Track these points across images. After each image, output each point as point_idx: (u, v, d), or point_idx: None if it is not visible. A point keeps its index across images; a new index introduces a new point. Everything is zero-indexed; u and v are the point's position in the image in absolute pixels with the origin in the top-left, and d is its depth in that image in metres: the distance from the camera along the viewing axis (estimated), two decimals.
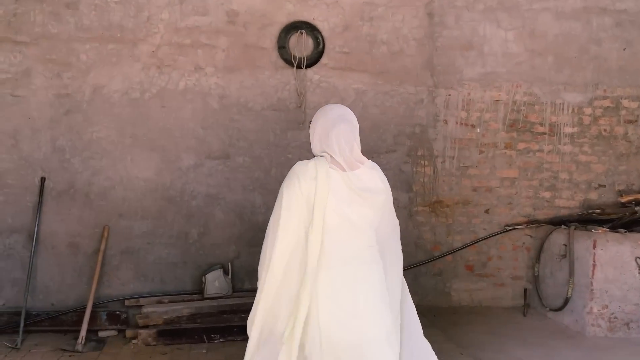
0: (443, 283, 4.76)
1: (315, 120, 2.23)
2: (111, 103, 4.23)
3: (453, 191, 4.74)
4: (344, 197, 2.10)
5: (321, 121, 2.21)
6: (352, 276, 2.09)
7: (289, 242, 2.08)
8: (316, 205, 2.06)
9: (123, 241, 4.29)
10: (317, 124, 2.21)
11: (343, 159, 2.15)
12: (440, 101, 4.67)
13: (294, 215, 2.08)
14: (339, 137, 2.15)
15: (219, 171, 4.39)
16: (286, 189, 2.10)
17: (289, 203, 2.08)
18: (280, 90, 4.45)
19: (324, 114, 2.23)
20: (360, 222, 2.14)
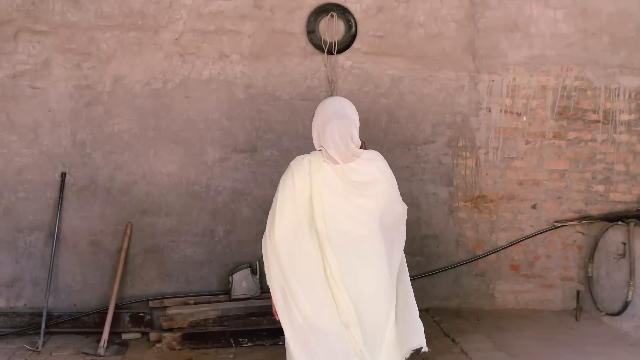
0: (486, 284, 4.41)
1: (315, 115, 2.33)
2: (133, 94, 4.03)
3: (497, 185, 4.37)
4: (339, 189, 2.21)
5: (319, 117, 2.31)
6: (352, 264, 2.20)
7: (285, 231, 2.20)
8: (314, 198, 2.19)
9: (146, 239, 4.09)
10: (316, 119, 2.32)
11: (337, 154, 2.22)
12: (482, 87, 4.31)
13: (287, 208, 2.20)
14: (333, 133, 2.22)
15: (245, 165, 4.14)
16: (281, 185, 2.24)
17: (283, 197, 2.22)
18: (310, 78, 4.16)
19: (322, 109, 2.33)
20: (359, 213, 2.22)
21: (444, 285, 4.37)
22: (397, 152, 4.27)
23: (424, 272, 4.33)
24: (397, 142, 4.26)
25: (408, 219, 4.32)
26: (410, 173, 4.29)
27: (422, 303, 4.36)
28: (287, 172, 2.26)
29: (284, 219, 2.21)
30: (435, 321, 4.05)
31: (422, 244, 4.33)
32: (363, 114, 4.26)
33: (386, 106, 4.23)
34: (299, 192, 2.20)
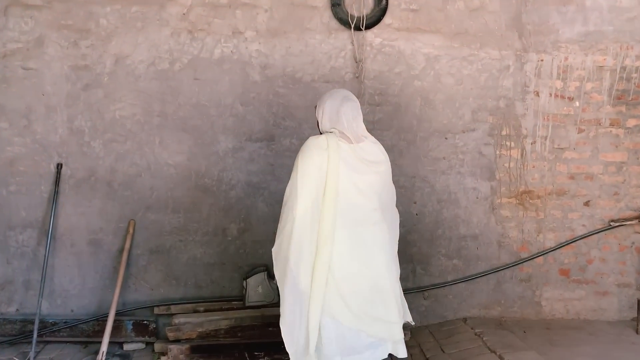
0: (532, 291, 3.91)
1: (322, 102, 2.47)
2: (136, 76, 3.59)
3: (545, 179, 3.87)
4: (353, 165, 2.36)
5: (329, 102, 2.45)
6: (362, 235, 2.36)
7: (306, 205, 2.27)
8: (329, 173, 2.30)
9: (152, 238, 3.66)
10: (325, 105, 2.45)
11: (351, 133, 2.41)
12: (530, 68, 3.79)
13: (309, 182, 2.29)
14: (347, 113, 2.41)
15: (261, 156, 3.69)
16: (301, 160, 2.33)
17: (303, 171, 2.30)
18: (334, 57, 3.68)
19: (330, 96, 2.49)
20: (366, 188, 2.39)
21: (484, 292, 3.88)
22: (433, 142, 3.78)
23: (462, 277, 3.85)
24: (432, 130, 3.77)
25: (444, 217, 3.89)
26: (447, 165, 3.80)
27: (459, 312, 3.92)
28: (305, 149, 2.36)
29: (305, 194, 2.28)
30: (476, 334, 3.56)
31: (459, 245, 3.85)
32: (394, 98, 3.81)
33: (420, 89, 3.74)
34: (317, 167, 2.30)
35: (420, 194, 3.80)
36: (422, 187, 3.80)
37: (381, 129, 3.73)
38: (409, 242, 3.80)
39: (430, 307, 3.85)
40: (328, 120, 2.43)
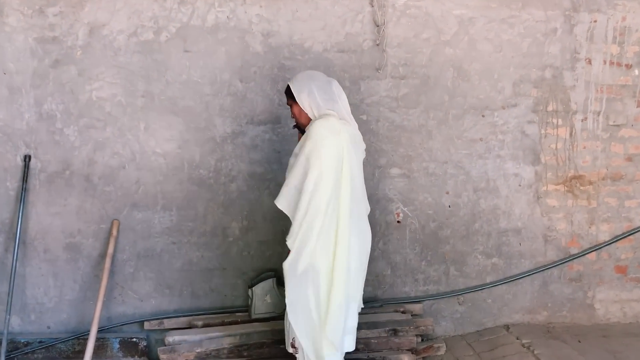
0: (583, 292, 3.37)
1: (302, 86, 2.35)
2: (115, 49, 3.01)
3: (598, 161, 3.31)
4: (353, 151, 2.33)
5: (315, 83, 2.35)
6: (359, 226, 2.38)
7: (330, 195, 2.24)
8: (345, 161, 2.26)
9: (139, 241, 3.12)
10: (309, 87, 2.34)
11: (347, 114, 2.38)
12: (581, 31, 3.21)
13: (330, 171, 2.24)
14: (341, 94, 2.38)
15: (266, 141, 3.13)
16: (322, 147, 2.23)
17: (326, 160, 2.23)
18: (350, 22, 3.10)
19: (308, 77, 2.41)
20: (359, 174, 2.40)
21: (529, 294, 3.34)
22: (468, 120, 3.21)
23: (503, 278, 3.31)
24: (467, 106, 3.20)
25: (482, 208, 3.30)
26: (484, 148, 3.24)
27: (500, 318, 3.36)
28: (323, 135, 2.25)
29: (329, 184, 2.24)
30: (524, 345, 3.03)
31: (499, 241, 3.30)
32: (421, 69, 3.22)
33: (452, 58, 3.16)
34: (335, 154, 2.24)
35: (453, 182, 3.24)
36: (455, 175, 3.24)
37: (407, 107, 3.17)
38: (440, 239, 3.26)
39: (467, 313, 3.31)
40: (322, 101, 2.32)
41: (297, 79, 2.42)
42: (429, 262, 3.27)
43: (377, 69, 3.13)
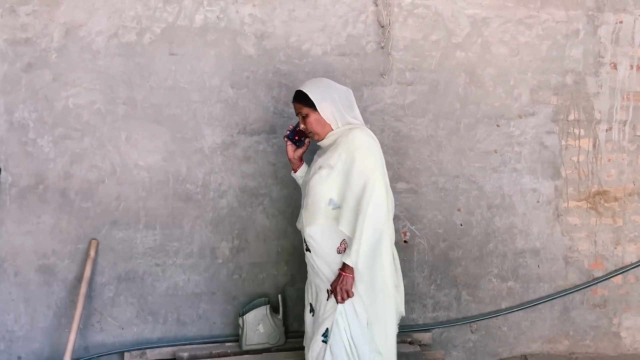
0: (608, 319, 3.07)
1: (325, 92, 2.19)
2: (93, 51, 2.74)
3: (624, 176, 3.02)
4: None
5: (335, 91, 2.21)
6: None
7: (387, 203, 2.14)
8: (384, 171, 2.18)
9: (120, 262, 2.83)
10: (332, 94, 2.19)
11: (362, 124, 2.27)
12: (605, 33, 2.94)
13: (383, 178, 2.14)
14: (355, 104, 2.26)
15: (259, 153, 2.85)
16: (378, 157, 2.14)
17: (380, 165, 2.14)
18: (352, 22, 2.83)
19: (328, 83, 2.24)
20: None
21: (548, 322, 3.04)
22: (481, 130, 2.93)
23: (520, 303, 3.01)
24: (480, 115, 2.92)
25: (497, 227, 2.99)
26: (499, 161, 2.95)
27: (517, 347, 3.05)
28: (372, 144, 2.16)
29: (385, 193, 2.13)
30: None
31: (516, 263, 3.00)
32: (430, 74, 2.94)
33: (464, 62, 2.88)
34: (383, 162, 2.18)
35: (465, 198, 2.95)
36: (468, 190, 2.95)
37: (414, 115, 2.88)
38: (451, 261, 2.96)
39: (480, 342, 3.01)
40: (344, 109, 2.19)
41: (314, 87, 2.21)
42: (438, 286, 2.98)
43: (382, 74, 2.85)
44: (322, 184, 2.13)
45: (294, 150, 2.32)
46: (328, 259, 2.15)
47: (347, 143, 2.11)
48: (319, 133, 2.21)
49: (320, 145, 2.27)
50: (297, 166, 2.37)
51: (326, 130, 2.21)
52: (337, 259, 2.13)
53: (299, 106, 2.23)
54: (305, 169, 2.39)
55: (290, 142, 2.29)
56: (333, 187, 2.12)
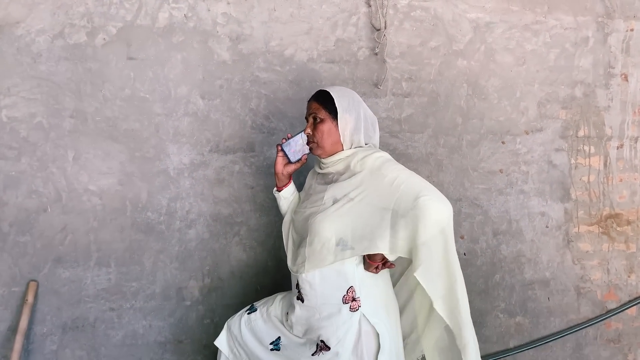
0: (623, 354, 2.79)
1: (353, 104, 1.85)
2: (34, 54, 2.28)
3: (637, 197, 2.77)
4: None
5: (363, 109, 1.89)
6: None
7: None
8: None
9: (65, 307, 2.34)
10: (360, 110, 1.87)
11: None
12: (616, 41, 2.69)
13: None
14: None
15: (235, 174, 2.44)
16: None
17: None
18: (342, 25, 2.48)
19: (359, 98, 1.91)
20: None
21: (560, 359, 2.74)
22: (485, 148, 2.61)
23: (530, 341, 2.69)
24: (484, 130, 2.61)
25: (503, 256, 2.66)
26: (505, 182, 2.64)
27: None
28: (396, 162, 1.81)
29: None
30: None
31: (524, 295, 2.69)
32: (429, 84, 2.60)
33: (466, 72, 2.57)
34: None
35: (469, 224, 2.62)
36: (471, 214, 2.62)
37: (411, 131, 2.54)
38: None
39: None
40: (365, 131, 1.86)
41: (343, 94, 1.86)
42: None
43: (376, 84, 2.50)
44: (334, 220, 1.72)
45: (285, 164, 1.92)
46: (324, 312, 1.74)
47: (370, 168, 1.75)
48: (324, 147, 1.82)
49: (322, 166, 1.88)
50: (284, 184, 1.97)
51: (334, 149, 1.82)
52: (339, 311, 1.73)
53: (316, 106, 1.84)
54: (293, 191, 1.99)
55: (283, 154, 1.89)
56: (348, 224, 1.72)
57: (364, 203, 1.72)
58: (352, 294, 1.74)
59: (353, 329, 1.73)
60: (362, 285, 1.76)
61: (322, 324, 1.74)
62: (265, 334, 1.90)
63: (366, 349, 1.74)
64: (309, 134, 1.84)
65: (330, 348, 1.72)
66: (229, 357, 1.96)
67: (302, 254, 1.77)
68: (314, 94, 1.87)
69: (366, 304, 1.75)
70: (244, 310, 2.00)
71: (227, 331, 1.98)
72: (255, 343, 1.90)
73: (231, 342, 1.96)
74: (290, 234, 1.91)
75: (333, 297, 1.74)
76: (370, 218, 1.71)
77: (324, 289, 1.74)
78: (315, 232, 1.73)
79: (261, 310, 1.96)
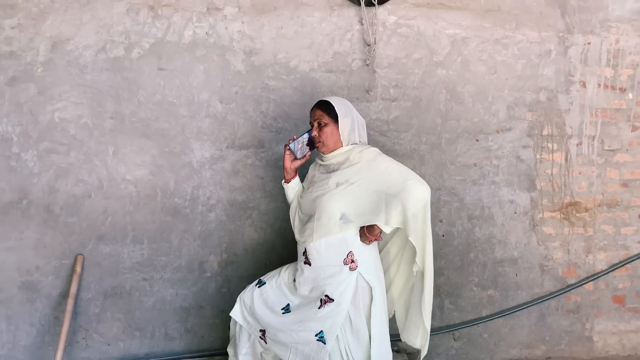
0: (581, 323, 3.22)
1: (348, 110, 2.31)
2: (81, 66, 2.74)
3: (594, 187, 3.19)
4: None
5: (355, 113, 2.34)
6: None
7: None
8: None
9: (106, 277, 2.81)
10: (353, 114, 2.33)
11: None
12: (575, 53, 3.12)
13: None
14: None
15: (248, 167, 2.89)
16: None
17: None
18: (338, 40, 2.92)
19: (351, 106, 2.36)
20: None
21: (526, 328, 3.17)
22: (461, 145, 3.05)
23: (499, 310, 3.13)
24: (460, 130, 3.04)
25: (477, 237, 3.15)
26: (478, 174, 3.08)
27: (497, 353, 3.18)
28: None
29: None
30: None
31: (495, 272, 3.12)
32: (413, 90, 3.06)
33: (445, 80, 3.01)
34: None
35: (447, 210, 3.06)
36: (449, 202, 3.06)
37: (398, 130, 2.98)
38: (434, 270, 3.02)
39: (462, 349, 3.11)
40: (358, 130, 2.32)
41: (341, 102, 2.30)
42: None
43: (367, 91, 2.94)
44: (338, 199, 2.16)
45: (292, 160, 2.35)
46: (329, 272, 2.19)
47: (367, 160, 2.20)
48: (328, 145, 2.26)
49: (324, 159, 2.31)
50: (291, 177, 2.40)
51: (335, 146, 2.26)
52: (341, 271, 2.18)
53: (321, 114, 2.27)
54: (298, 182, 2.43)
55: (290, 152, 2.33)
56: (349, 202, 2.16)
57: (362, 186, 2.17)
58: (351, 257, 2.18)
59: (351, 285, 2.17)
60: (358, 251, 2.20)
61: (326, 281, 2.18)
62: (276, 302, 2.32)
63: (362, 300, 2.19)
64: (315, 135, 2.28)
65: (333, 300, 2.16)
66: (243, 325, 2.38)
67: (310, 228, 2.21)
68: (316, 103, 2.32)
69: (362, 265, 2.19)
70: (254, 284, 2.42)
71: (241, 304, 2.39)
72: (267, 311, 2.32)
73: (244, 313, 2.38)
74: (297, 215, 2.35)
75: (336, 260, 2.18)
76: (368, 198, 2.15)
77: (328, 254, 2.19)
78: (322, 209, 2.17)
79: (270, 283, 2.38)
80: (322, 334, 2.17)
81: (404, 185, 2.11)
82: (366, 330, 2.21)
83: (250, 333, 2.34)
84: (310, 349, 2.19)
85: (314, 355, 2.19)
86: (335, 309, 2.17)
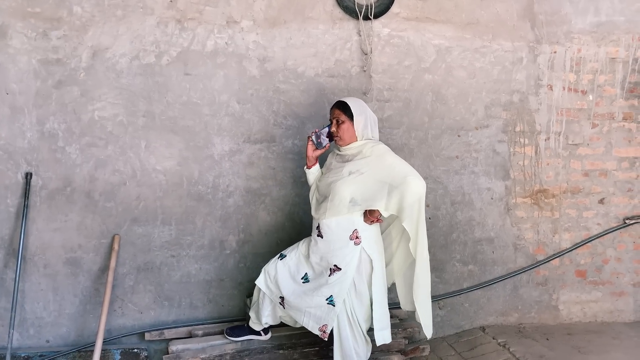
0: (549, 294, 3.72)
1: (362, 109, 2.74)
2: (117, 71, 3.16)
3: (560, 177, 3.69)
4: None
5: (369, 112, 2.76)
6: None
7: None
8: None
9: (139, 254, 3.24)
10: (367, 112, 2.75)
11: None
12: (543, 60, 3.60)
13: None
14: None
15: (261, 159, 3.33)
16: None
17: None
18: (339, 49, 3.37)
19: (366, 105, 2.79)
20: None
21: (501, 298, 3.66)
22: (445, 140, 3.52)
23: (478, 283, 3.61)
24: (444, 127, 3.52)
25: (459, 220, 3.64)
26: (460, 165, 3.56)
27: (476, 320, 3.67)
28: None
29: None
30: (500, 344, 3.33)
31: (475, 249, 3.61)
32: (404, 93, 3.53)
33: (431, 83, 3.48)
34: None
35: (433, 196, 3.54)
36: (435, 189, 3.54)
37: (391, 127, 3.45)
38: None
39: (446, 317, 3.60)
40: (371, 127, 2.72)
41: (356, 103, 2.73)
42: None
43: (364, 93, 3.40)
44: (350, 186, 2.60)
45: (314, 149, 2.80)
46: (337, 245, 2.64)
47: (376, 154, 2.64)
48: (344, 139, 2.71)
49: (341, 150, 2.75)
50: (312, 164, 2.84)
51: (351, 140, 2.71)
52: (347, 244, 2.63)
53: (339, 112, 2.72)
54: (318, 168, 2.86)
55: (312, 143, 2.78)
56: (358, 188, 2.60)
57: (370, 176, 2.62)
58: (356, 234, 2.65)
59: (356, 257, 2.64)
60: (362, 229, 2.67)
61: (335, 253, 2.65)
62: (296, 271, 2.79)
63: (364, 270, 2.66)
64: (334, 131, 2.73)
65: (341, 269, 2.63)
66: (266, 292, 2.84)
67: (324, 207, 2.67)
68: (335, 103, 2.78)
69: (365, 241, 2.66)
70: (276, 257, 2.88)
71: (265, 274, 2.86)
72: (290, 280, 2.78)
73: (268, 281, 2.84)
74: (314, 195, 2.81)
75: (343, 235, 2.65)
76: (373, 186, 2.60)
77: (338, 230, 2.65)
78: (335, 192, 2.63)
79: (290, 255, 2.85)
80: (332, 298, 2.64)
81: (404, 180, 2.56)
82: (368, 294, 2.68)
83: (272, 299, 2.80)
84: (322, 312, 2.66)
85: (324, 317, 2.65)
86: (342, 276, 2.63)
